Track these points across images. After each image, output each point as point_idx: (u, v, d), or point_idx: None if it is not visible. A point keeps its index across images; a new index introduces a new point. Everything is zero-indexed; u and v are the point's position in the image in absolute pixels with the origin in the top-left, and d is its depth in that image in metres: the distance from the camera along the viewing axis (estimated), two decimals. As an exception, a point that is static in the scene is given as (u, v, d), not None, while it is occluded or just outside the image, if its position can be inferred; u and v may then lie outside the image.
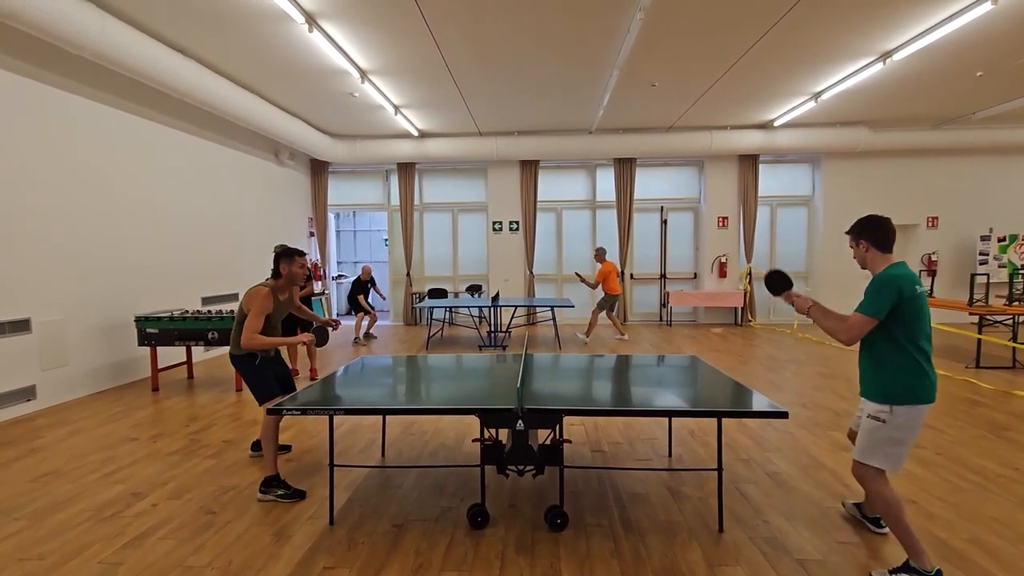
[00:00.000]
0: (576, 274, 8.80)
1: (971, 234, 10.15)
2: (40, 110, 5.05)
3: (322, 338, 3.64)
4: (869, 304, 2.21)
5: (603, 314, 8.67)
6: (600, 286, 8.43)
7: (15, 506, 3.05)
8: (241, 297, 3.39)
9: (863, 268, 2.39)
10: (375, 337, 9.21)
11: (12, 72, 4.79)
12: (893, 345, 2.22)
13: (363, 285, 8.90)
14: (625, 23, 5.35)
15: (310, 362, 6.23)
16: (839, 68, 6.66)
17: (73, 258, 5.40)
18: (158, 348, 5.74)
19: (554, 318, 8.61)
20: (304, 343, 3.25)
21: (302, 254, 3.40)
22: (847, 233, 2.45)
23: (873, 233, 2.31)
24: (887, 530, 2.60)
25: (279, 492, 3.10)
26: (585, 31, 5.54)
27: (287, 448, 3.88)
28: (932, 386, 2.21)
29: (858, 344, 2.33)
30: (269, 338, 3.18)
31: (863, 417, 2.34)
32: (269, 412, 2.77)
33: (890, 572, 2.24)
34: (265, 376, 3.34)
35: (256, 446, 3.83)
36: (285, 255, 3.34)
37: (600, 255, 8.55)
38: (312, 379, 6.11)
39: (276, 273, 3.35)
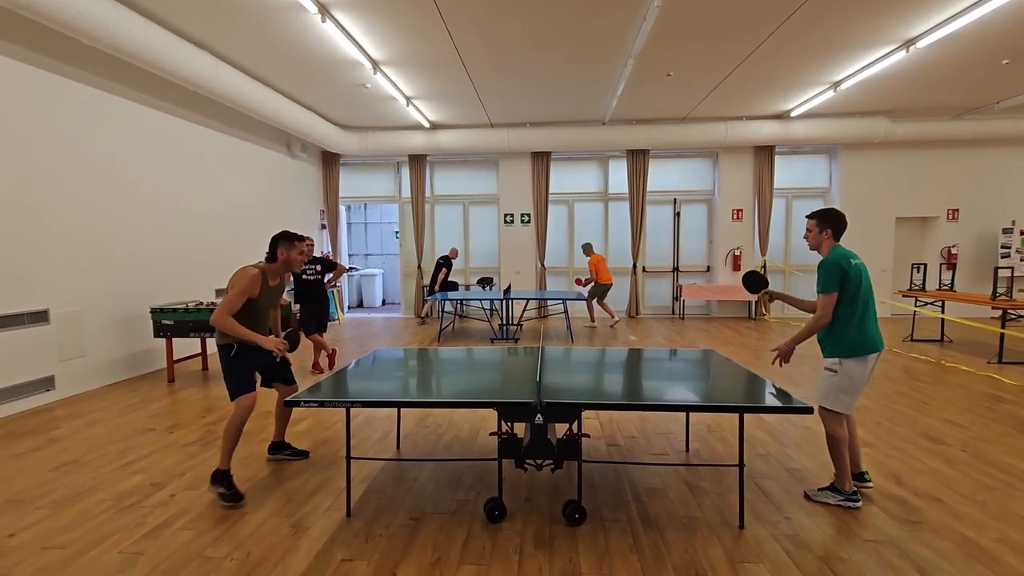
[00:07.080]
0: (577, 280, 9.38)
1: (993, 227, 9.94)
2: (55, 102, 5.07)
3: (294, 343, 3.32)
4: (825, 284, 2.74)
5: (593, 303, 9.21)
6: (594, 277, 9.02)
7: (36, 495, 3.08)
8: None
9: (813, 249, 2.93)
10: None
11: (27, 64, 4.80)
12: (841, 312, 2.73)
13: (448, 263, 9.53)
14: (641, 11, 5.25)
15: (314, 356, 6.16)
16: (860, 56, 6.51)
17: (90, 250, 5.44)
18: (173, 339, 5.79)
19: (566, 311, 8.56)
20: (275, 350, 3.01)
21: (303, 239, 3.19)
22: (811, 217, 2.89)
23: (836, 224, 2.81)
24: (871, 484, 3.03)
25: (220, 490, 2.94)
26: (601, 19, 5.44)
27: (304, 454, 3.60)
28: (872, 341, 2.72)
29: None
30: (240, 327, 2.92)
31: (822, 369, 2.86)
32: (287, 403, 2.76)
33: (818, 489, 2.84)
34: (239, 369, 3.04)
35: (273, 448, 3.57)
36: (285, 239, 3.10)
37: (588, 249, 9.13)
38: (315, 371, 6.06)
39: (272, 257, 3.13)
